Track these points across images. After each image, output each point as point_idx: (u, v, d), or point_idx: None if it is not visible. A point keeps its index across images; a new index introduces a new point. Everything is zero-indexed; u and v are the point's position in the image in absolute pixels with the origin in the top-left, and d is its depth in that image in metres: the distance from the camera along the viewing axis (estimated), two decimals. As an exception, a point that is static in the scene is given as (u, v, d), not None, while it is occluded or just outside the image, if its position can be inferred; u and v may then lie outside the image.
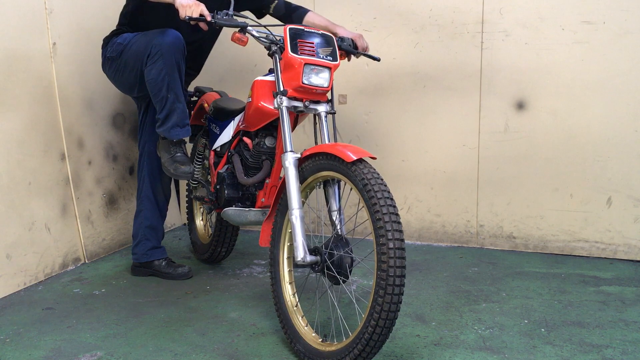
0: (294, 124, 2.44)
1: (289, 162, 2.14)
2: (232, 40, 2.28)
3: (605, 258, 3.20)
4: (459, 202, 3.47)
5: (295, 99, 2.26)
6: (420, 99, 3.46)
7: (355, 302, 2.28)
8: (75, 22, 3.15)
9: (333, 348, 2.04)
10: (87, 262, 3.25)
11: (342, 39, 2.53)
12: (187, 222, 3.53)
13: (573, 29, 3.12)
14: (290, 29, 2.23)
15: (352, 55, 2.60)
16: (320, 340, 2.13)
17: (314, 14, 2.78)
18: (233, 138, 2.72)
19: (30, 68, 2.90)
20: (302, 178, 2.17)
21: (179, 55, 2.54)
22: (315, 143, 2.38)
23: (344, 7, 3.53)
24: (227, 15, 2.28)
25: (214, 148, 2.87)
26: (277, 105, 2.25)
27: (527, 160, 3.29)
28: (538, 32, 3.18)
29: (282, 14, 2.79)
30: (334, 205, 2.16)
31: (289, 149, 2.17)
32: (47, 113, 3.00)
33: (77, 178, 3.18)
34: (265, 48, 2.32)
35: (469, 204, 3.45)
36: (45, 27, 2.99)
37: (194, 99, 3.25)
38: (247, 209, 2.59)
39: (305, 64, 2.18)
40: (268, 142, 2.55)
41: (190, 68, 2.90)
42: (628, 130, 3.09)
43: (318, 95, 2.28)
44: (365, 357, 1.91)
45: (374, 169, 1.96)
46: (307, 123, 3.60)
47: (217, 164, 2.84)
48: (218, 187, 2.73)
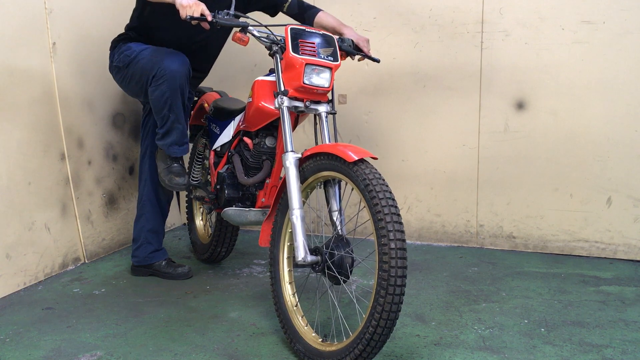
0: (295, 124, 2.44)
1: (290, 162, 2.14)
2: (232, 40, 2.29)
3: (605, 258, 3.21)
4: (459, 202, 3.47)
5: (296, 99, 2.26)
6: (420, 99, 3.46)
7: (356, 302, 2.28)
8: (75, 22, 3.15)
9: (333, 348, 2.04)
10: (87, 262, 3.25)
11: (342, 40, 2.52)
12: (187, 222, 3.53)
13: (573, 29, 3.12)
14: (292, 29, 2.23)
15: (353, 56, 2.60)
16: (320, 340, 2.13)
17: (325, 14, 2.79)
18: (233, 138, 2.72)
19: (30, 68, 2.90)
20: (302, 178, 2.17)
21: (184, 81, 2.57)
22: (316, 143, 2.38)
23: (344, 7, 3.53)
24: (228, 15, 2.28)
25: (214, 148, 2.87)
26: (277, 105, 2.25)
27: (527, 160, 3.30)
28: (538, 32, 3.18)
29: (295, 13, 2.80)
30: (335, 206, 2.16)
31: (290, 149, 2.17)
32: (47, 113, 3.00)
33: (77, 178, 3.18)
34: (266, 48, 2.32)
35: (469, 204, 3.45)
36: (45, 27, 2.98)
37: (194, 99, 3.25)
38: (247, 209, 2.59)
39: (307, 64, 2.18)
40: (268, 142, 2.55)
41: (197, 70, 2.89)
42: (628, 130, 3.09)
43: (319, 96, 2.29)
44: (366, 357, 1.91)
45: (376, 169, 1.96)
46: (307, 123, 3.60)
47: (217, 164, 2.84)
48: (218, 187, 2.73)
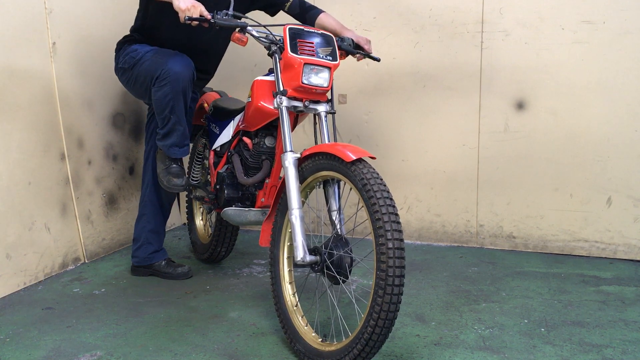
0: (294, 124, 2.44)
1: (289, 162, 2.14)
2: (231, 40, 2.29)
3: (605, 258, 3.21)
4: (459, 202, 3.47)
5: (295, 99, 2.26)
6: (420, 99, 3.46)
7: (355, 302, 2.28)
8: (76, 22, 3.15)
9: (333, 348, 2.04)
10: (87, 262, 3.25)
11: (342, 39, 2.52)
12: (186, 222, 3.53)
13: (573, 29, 3.12)
14: (290, 29, 2.23)
15: (354, 55, 2.59)
16: (320, 340, 2.13)
17: (327, 16, 2.78)
18: (233, 138, 2.72)
19: (30, 68, 2.90)
20: (301, 178, 2.17)
21: (187, 83, 2.57)
22: (315, 143, 2.38)
23: (344, 6, 3.53)
24: (226, 16, 2.28)
25: (214, 148, 2.87)
26: (276, 105, 2.25)
27: (527, 160, 3.29)
28: (538, 32, 3.18)
29: (296, 13, 2.80)
30: (334, 205, 2.16)
31: (289, 149, 2.17)
32: (47, 113, 3.00)
33: (77, 178, 3.18)
34: (265, 48, 2.32)
35: (469, 204, 3.45)
36: (45, 27, 2.99)
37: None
38: (247, 209, 2.59)
39: (305, 64, 2.18)
40: (268, 142, 2.55)
41: (202, 71, 2.89)
42: (628, 130, 3.09)
43: (318, 95, 2.28)
44: (365, 357, 1.91)
45: (374, 169, 1.96)
46: (307, 123, 3.60)
47: (216, 164, 2.84)
48: (218, 187, 2.73)
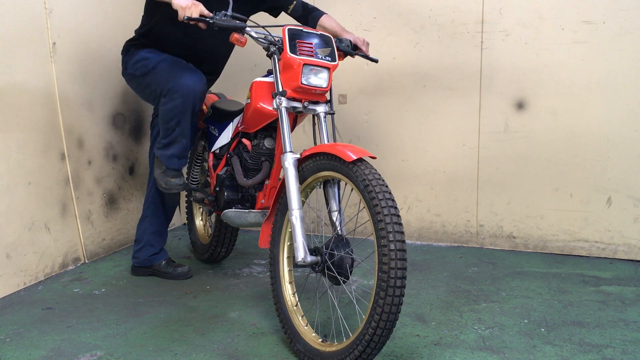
0: (293, 125, 2.44)
1: (289, 162, 2.13)
2: (230, 41, 2.29)
3: (605, 258, 3.21)
4: (459, 202, 3.48)
5: (294, 100, 2.25)
6: (420, 99, 3.46)
7: (356, 302, 2.28)
8: (75, 22, 3.15)
9: (333, 349, 2.04)
10: (87, 262, 3.25)
11: (340, 40, 2.52)
12: (186, 222, 3.53)
13: (573, 29, 3.12)
14: (289, 30, 2.23)
15: (352, 56, 2.60)
16: (320, 341, 2.13)
17: (329, 18, 2.79)
18: (232, 140, 2.72)
19: (30, 68, 2.90)
20: (301, 178, 2.16)
21: (197, 99, 2.58)
22: (315, 144, 2.38)
23: (344, 6, 3.53)
24: (225, 16, 2.27)
25: (213, 150, 2.86)
26: (276, 106, 2.25)
27: (527, 160, 3.30)
28: (538, 32, 3.18)
29: (299, 15, 2.80)
30: (334, 206, 2.15)
31: (289, 150, 2.17)
32: (47, 113, 3.00)
33: (77, 178, 3.18)
34: (264, 49, 2.31)
35: (469, 204, 3.46)
36: (45, 27, 2.99)
37: None
38: (246, 211, 2.58)
39: (304, 65, 2.18)
40: (267, 143, 2.54)
41: (208, 73, 2.88)
42: (628, 130, 3.09)
43: (317, 96, 2.28)
44: (366, 358, 1.91)
45: (375, 169, 1.95)
46: (307, 123, 3.60)
47: (216, 166, 2.83)
48: (217, 189, 2.72)
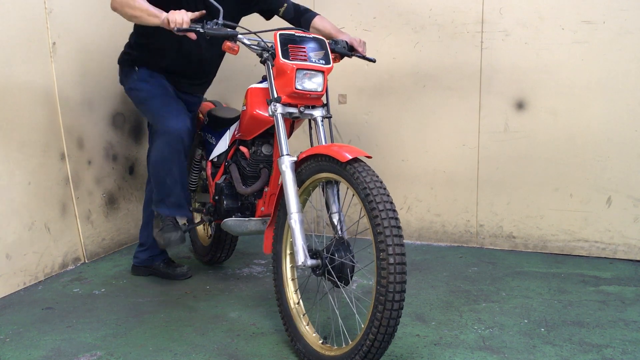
0: (291, 130, 2.41)
1: (286, 165, 2.11)
2: (223, 50, 2.26)
3: (605, 258, 3.21)
4: (459, 201, 3.47)
5: (290, 105, 2.22)
6: (420, 99, 3.46)
7: (355, 310, 2.24)
8: (75, 22, 3.15)
9: (332, 353, 2.03)
10: (87, 261, 3.25)
11: (335, 42, 2.50)
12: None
13: (573, 29, 3.12)
14: (281, 35, 2.20)
15: (349, 57, 2.57)
16: (321, 342, 2.13)
17: (322, 19, 2.75)
18: (229, 148, 2.69)
19: (31, 68, 2.90)
20: (299, 181, 2.15)
21: (187, 141, 2.56)
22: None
23: (344, 7, 3.53)
24: (216, 25, 2.24)
25: (211, 159, 2.84)
26: (271, 113, 2.22)
27: (527, 160, 3.30)
28: (538, 32, 3.18)
29: (291, 17, 2.77)
30: (334, 207, 2.13)
31: (285, 153, 2.15)
32: (47, 113, 3.00)
33: (77, 178, 3.18)
34: (257, 55, 2.29)
35: (469, 204, 3.45)
36: (45, 27, 2.99)
37: None
38: (247, 219, 2.55)
39: (298, 69, 2.14)
40: (265, 150, 2.52)
41: (200, 78, 2.87)
42: (628, 130, 3.09)
43: (312, 100, 2.25)
44: None
45: (373, 171, 1.92)
46: (306, 125, 3.59)
47: (214, 175, 2.81)
48: (217, 198, 2.69)
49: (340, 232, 2.09)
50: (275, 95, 2.21)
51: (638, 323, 2.40)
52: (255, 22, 2.75)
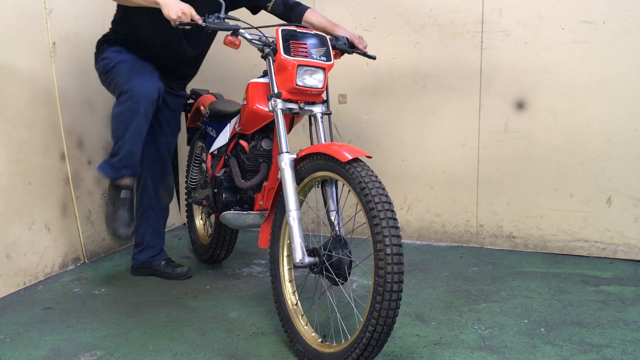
0: (290, 126, 2.42)
1: (285, 162, 2.12)
2: (224, 44, 2.26)
3: (605, 258, 3.21)
4: (459, 201, 3.47)
5: (290, 101, 2.23)
6: (420, 99, 3.46)
7: (354, 305, 2.26)
8: (75, 22, 3.15)
9: (332, 350, 2.04)
10: (87, 261, 3.25)
11: (336, 38, 2.50)
12: (186, 220, 3.53)
13: (573, 29, 3.12)
14: (282, 30, 2.21)
15: (349, 54, 2.57)
16: (320, 340, 2.13)
17: (314, 12, 2.74)
18: (230, 141, 2.70)
19: (30, 68, 2.90)
20: (298, 179, 2.16)
21: (149, 106, 2.54)
22: (311, 144, 2.36)
23: (344, 6, 3.53)
24: (218, 19, 2.24)
25: (211, 151, 2.85)
26: (271, 108, 2.23)
27: (527, 160, 3.30)
28: (538, 31, 3.18)
29: (280, 12, 2.74)
30: (332, 206, 2.14)
31: (285, 150, 2.16)
32: (47, 113, 3.00)
33: (77, 178, 3.18)
34: (259, 50, 2.30)
35: (469, 204, 3.46)
36: (45, 27, 2.99)
37: (190, 102, 3.24)
38: (245, 212, 2.57)
39: (299, 66, 2.15)
40: (265, 144, 2.53)
41: (185, 68, 2.84)
42: (628, 130, 3.09)
43: (313, 97, 2.26)
44: None
45: (372, 171, 1.93)
46: (306, 122, 3.59)
47: (214, 167, 2.82)
48: (216, 190, 2.71)
49: (338, 230, 2.10)
50: (276, 91, 2.22)
51: (638, 323, 2.40)
52: (253, 18, 2.74)
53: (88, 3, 3.24)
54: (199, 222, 3.39)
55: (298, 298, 2.26)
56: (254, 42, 2.30)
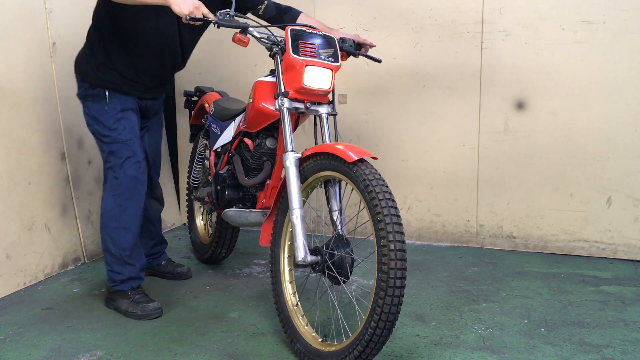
0: (295, 125, 2.43)
1: (290, 161, 2.13)
2: (233, 41, 2.27)
3: (605, 258, 3.21)
4: (459, 201, 3.47)
5: (297, 100, 2.25)
6: (420, 99, 3.46)
7: (356, 302, 2.28)
8: (75, 22, 3.14)
9: (333, 348, 2.04)
10: (87, 261, 3.25)
11: (343, 40, 2.51)
12: (187, 221, 3.53)
13: (573, 29, 3.12)
14: (292, 30, 2.22)
15: (355, 56, 2.57)
16: (321, 340, 2.13)
17: (307, 16, 2.71)
18: (234, 139, 2.71)
19: (31, 68, 2.90)
20: (302, 178, 2.16)
21: (142, 192, 2.54)
22: (315, 144, 2.37)
23: (344, 6, 3.53)
24: (228, 16, 2.26)
25: (215, 148, 2.86)
26: (278, 107, 2.24)
27: (527, 160, 3.30)
28: (538, 32, 3.18)
29: (272, 16, 2.69)
30: (335, 205, 2.15)
31: (290, 149, 2.17)
32: (47, 113, 3.00)
33: (77, 178, 3.18)
34: (267, 49, 2.31)
35: (469, 204, 3.46)
36: (45, 27, 2.98)
37: (195, 99, 3.24)
38: (247, 210, 2.58)
39: (307, 66, 2.17)
40: (269, 143, 2.54)
41: (172, 65, 2.71)
42: (628, 130, 3.09)
43: (319, 97, 2.27)
44: (365, 358, 1.91)
45: (376, 170, 1.95)
46: (307, 123, 3.60)
47: (217, 165, 2.83)
48: (219, 187, 2.72)
49: (340, 229, 2.10)
50: (283, 90, 2.22)
51: (638, 323, 2.40)
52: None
53: (88, 3, 3.22)
54: (200, 221, 3.39)
55: (298, 299, 2.26)
56: (263, 40, 2.31)
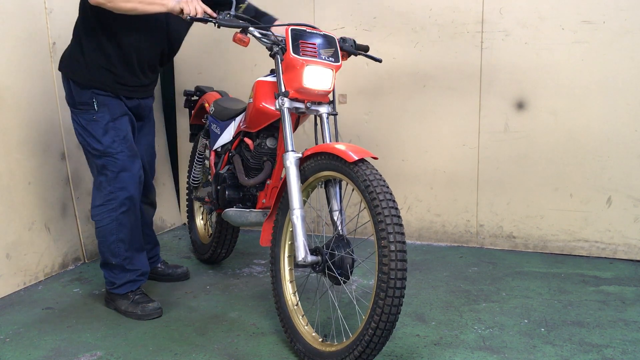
0: (296, 125, 2.43)
1: (290, 161, 2.13)
2: (233, 41, 2.27)
3: (605, 258, 3.21)
4: (459, 201, 3.47)
5: (297, 100, 2.25)
6: (420, 99, 3.46)
7: (356, 303, 2.28)
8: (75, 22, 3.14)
9: (333, 349, 2.04)
10: (87, 261, 3.25)
11: (343, 40, 2.51)
12: (187, 220, 3.53)
13: (573, 29, 3.12)
14: (292, 30, 2.22)
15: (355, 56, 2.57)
16: (321, 340, 2.13)
17: (280, 23, 2.63)
18: (234, 138, 2.71)
19: (31, 68, 2.90)
20: (303, 178, 2.16)
21: (137, 199, 2.54)
22: (316, 144, 2.37)
23: (344, 6, 3.53)
24: (229, 16, 2.27)
25: (215, 148, 2.86)
26: (278, 107, 2.24)
27: (527, 160, 3.30)
28: (538, 31, 3.18)
29: (251, 17, 2.61)
30: (335, 205, 2.15)
31: (290, 149, 2.17)
32: (47, 113, 3.00)
33: (77, 178, 3.18)
34: (267, 49, 2.31)
35: (469, 204, 3.46)
36: (45, 27, 2.98)
37: (195, 99, 3.24)
38: (247, 210, 2.58)
39: (307, 65, 2.17)
40: (269, 143, 2.54)
41: (160, 61, 2.67)
42: (628, 130, 3.09)
43: (320, 97, 2.27)
44: (366, 358, 1.91)
45: (376, 170, 1.95)
46: (307, 123, 3.60)
47: (217, 164, 2.83)
48: (219, 187, 2.72)
49: (341, 229, 2.10)
50: (283, 90, 2.22)
51: (638, 323, 2.40)
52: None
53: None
54: (200, 221, 3.39)
55: (298, 298, 2.26)
56: (263, 40, 2.31)
